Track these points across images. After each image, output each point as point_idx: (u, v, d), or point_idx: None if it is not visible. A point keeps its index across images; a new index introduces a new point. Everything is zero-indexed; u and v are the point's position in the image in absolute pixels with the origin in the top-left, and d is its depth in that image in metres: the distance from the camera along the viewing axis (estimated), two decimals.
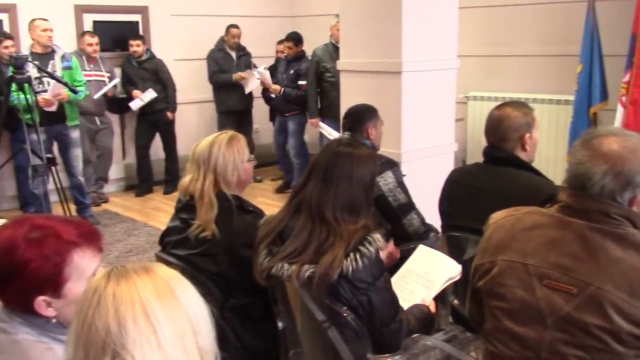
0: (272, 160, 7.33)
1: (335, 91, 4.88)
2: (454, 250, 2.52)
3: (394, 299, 2.09)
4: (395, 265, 2.59)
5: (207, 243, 2.34)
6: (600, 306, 1.51)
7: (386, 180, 2.94)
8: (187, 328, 1.06)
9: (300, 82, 6.22)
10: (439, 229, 2.86)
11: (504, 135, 2.47)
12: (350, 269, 1.93)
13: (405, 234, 2.97)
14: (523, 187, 2.36)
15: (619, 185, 1.56)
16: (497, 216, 1.80)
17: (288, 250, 2.05)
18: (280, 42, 6.76)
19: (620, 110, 4.78)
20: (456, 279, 2.38)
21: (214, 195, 2.34)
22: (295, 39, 6.31)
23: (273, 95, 6.45)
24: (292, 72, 6.28)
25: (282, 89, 6.24)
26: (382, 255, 2.07)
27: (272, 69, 6.58)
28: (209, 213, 2.31)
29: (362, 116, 3.10)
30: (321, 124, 5.66)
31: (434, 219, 2.90)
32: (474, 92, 6.08)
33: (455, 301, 2.55)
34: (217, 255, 2.34)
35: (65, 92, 5.22)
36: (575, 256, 1.57)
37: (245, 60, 6.75)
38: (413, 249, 2.88)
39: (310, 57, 6.17)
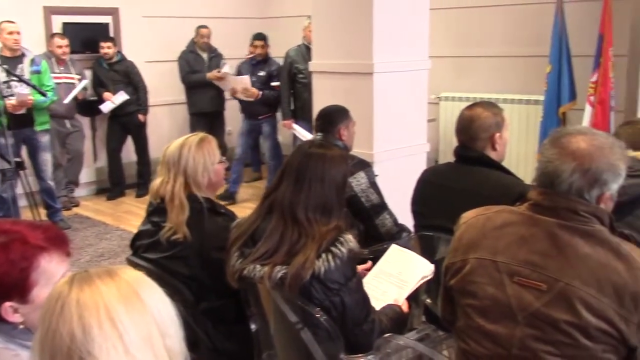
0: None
1: (308, 92, 4.88)
2: (427, 249, 2.54)
3: (365, 299, 2.09)
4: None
5: (178, 246, 2.32)
6: (569, 302, 1.53)
7: (359, 181, 2.95)
8: (155, 331, 1.05)
9: (273, 84, 6.20)
10: (412, 229, 2.88)
11: (474, 134, 2.50)
12: (322, 269, 1.93)
13: (378, 234, 2.99)
14: (494, 186, 2.38)
15: (587, 182, 1.59)
16: (467, 215, 1.82)
17: (260, 251, 2.05)
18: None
19: (588, 109, 4.86)
20: (429, 277, 2.39)
21: (185, 198, 2.33)
22: (265, 37, 6.31)
23: (251, 99, 6.26)
24: (262, 74, 6.24)
25: (261, 92, 6.19)
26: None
27: (236, 73, 6.42)
28: (180, 215, 2.30)
29: (334, 117, 3.10)
30: (294, 125, 5.66)
31: (406, 219, 2.91)
32: (445, 92, 6.13)
33: (428, 300, 2.57)
34: (188, 258, 2.32)
35: (30, 98, 5.13)
36: (545, 253, 1.59)
37: (216, 61, 6.68)
38: (386, 249, 2.89)
39: (275, 59, 6.19)
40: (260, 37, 6.31)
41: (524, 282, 1.59)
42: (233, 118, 7.18)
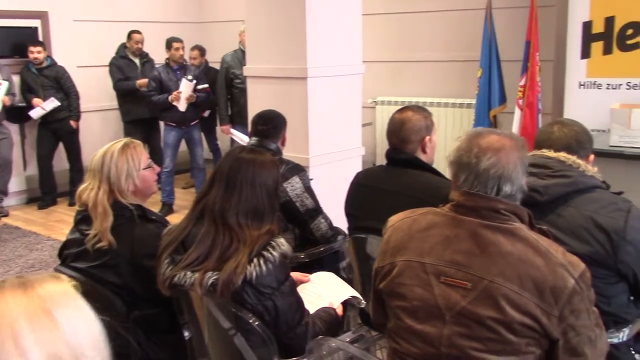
0: (183, 167, 7.20)
1: (245, 97, 4.85)
2: (359, 251, 2.56)
3: (299, 302, 2.09)
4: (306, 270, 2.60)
5: (107, 254, 2.27)
6: (493, 299, 1.57)
7: (293, 186, 2.95)
8: (65, 352, 0.99)
9: (200, 87, 6.11)
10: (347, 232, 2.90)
11: (405, 137, 2.54)
12: (254, 274, 1.92)
13: (314, 238, 2.99)
14: (424, 188, 2.42)
15: (522, 174, 1.66)
16: (394, 219, 1.84)
17: (191, 257, 2.02)
18: (193, 49, 6.66)
19: (517, 112, 5.02)
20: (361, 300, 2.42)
21: (109, 205, 2.28)
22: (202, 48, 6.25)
23: (184, 108, 6.06)
24: (191, 77, 6.08)
25: (196, 97, 6.08)
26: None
27: (157, 80, 6.08)
28: (104, 223, 2.25)
29: (278, 122, 3.09)
30: (232, 130, 5.62)
31: (342, 221, 2.93)
32: (381, 96, 6.22)
33: (363, 302, 2.59)
34: (119, 266, 2.27)
35: None
36: (469, 252, 1.63)
37: (149, 67, 6.55)
38: (322, 252, 2.91)
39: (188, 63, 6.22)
40: (178, 39, 6.13)
41: (450, 281, 1.63)
42: None
